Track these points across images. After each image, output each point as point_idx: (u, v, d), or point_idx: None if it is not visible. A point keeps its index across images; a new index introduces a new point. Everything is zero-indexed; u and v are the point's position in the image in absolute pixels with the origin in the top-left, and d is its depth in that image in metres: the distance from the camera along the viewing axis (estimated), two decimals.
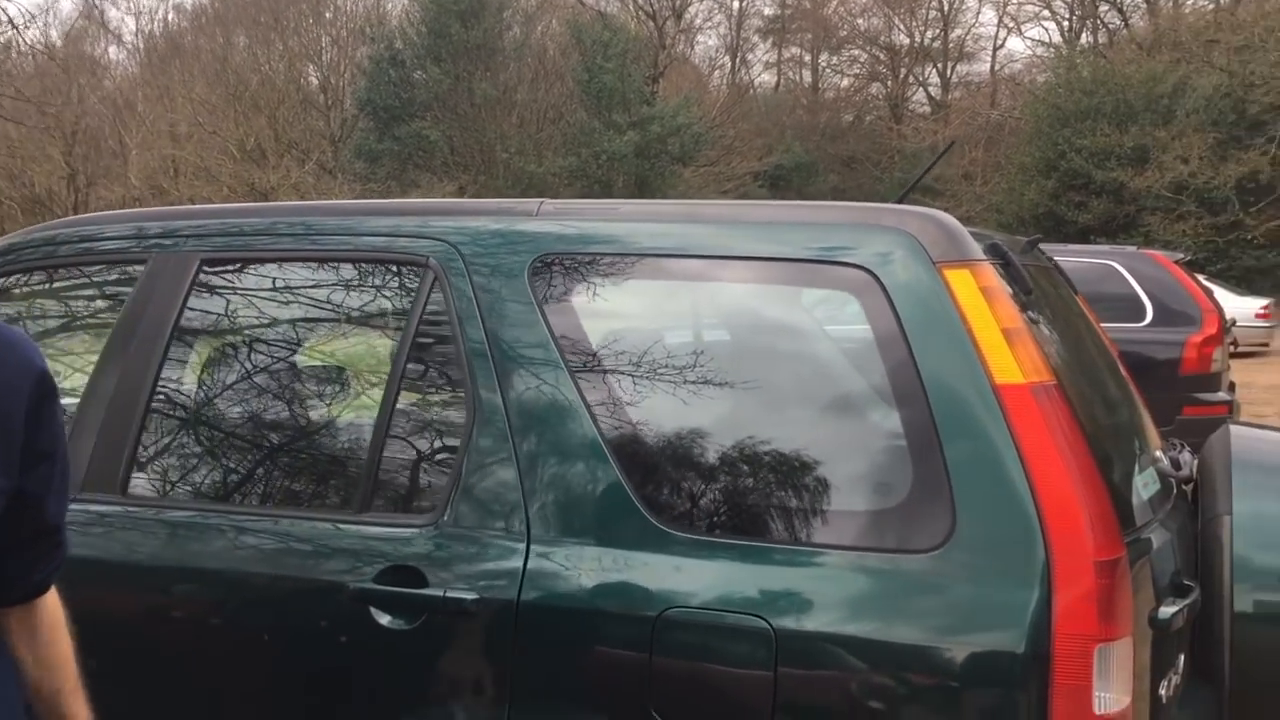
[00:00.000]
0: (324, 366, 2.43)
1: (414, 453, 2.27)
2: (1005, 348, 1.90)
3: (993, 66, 40.31)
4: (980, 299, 1.94)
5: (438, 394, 2.30)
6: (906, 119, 40.01)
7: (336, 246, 2.43)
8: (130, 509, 2.39)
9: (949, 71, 40.83)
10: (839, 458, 1.96)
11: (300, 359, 2.45)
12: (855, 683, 1.85)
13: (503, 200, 2.45)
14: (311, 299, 2.48)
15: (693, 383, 2.07)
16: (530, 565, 2.03)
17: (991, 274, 2.01)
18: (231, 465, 2.45)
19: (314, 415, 2.38)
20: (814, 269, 2.08)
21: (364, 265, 2.42)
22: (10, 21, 13.59)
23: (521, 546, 2.05)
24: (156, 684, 2.33)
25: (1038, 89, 33.88)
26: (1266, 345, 19.71)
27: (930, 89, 42.16)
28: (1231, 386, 8.28)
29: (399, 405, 2.25)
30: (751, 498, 1.99)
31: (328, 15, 35.35)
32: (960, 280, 1.96)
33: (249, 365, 2.49)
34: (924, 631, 1.82)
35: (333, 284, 2.47)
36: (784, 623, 1.86)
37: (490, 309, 2.20)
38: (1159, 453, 2.47)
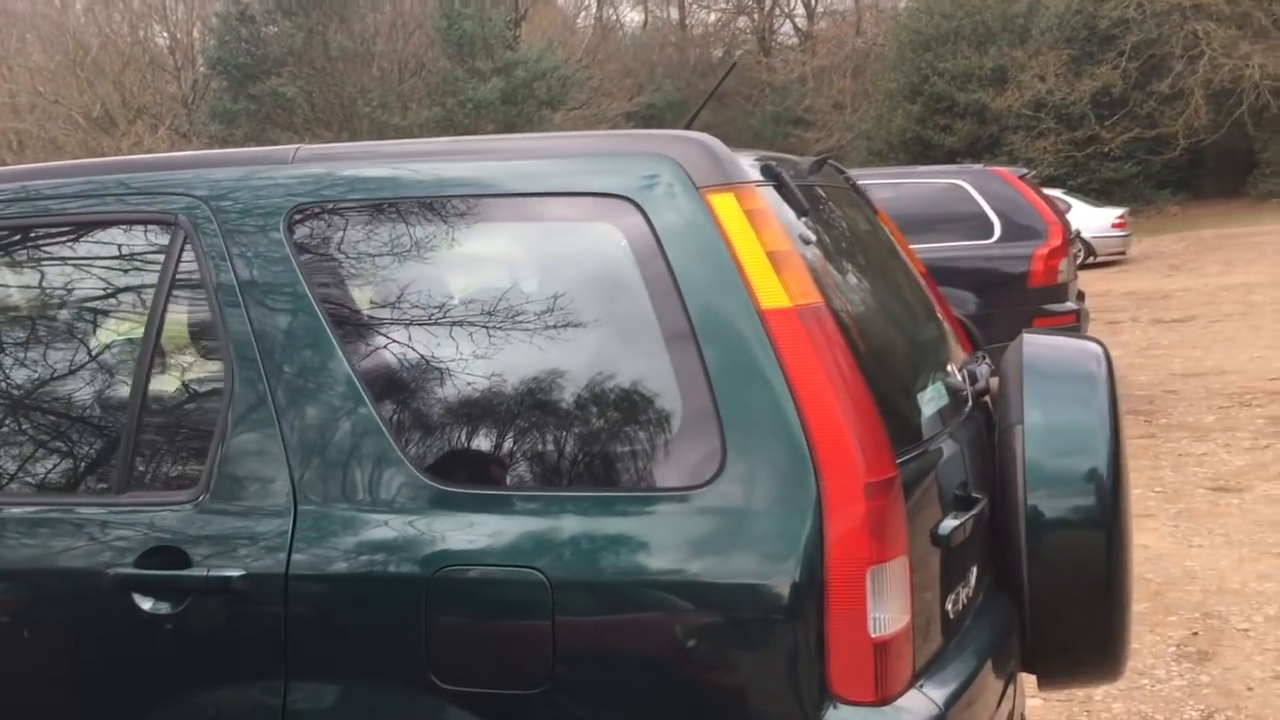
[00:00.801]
0: (77, 339, 2.26)
1: (172, 425, 2.13)
2: (770, 271, 1.84)
3: None
4: (744, 222, 1.88)
5: (194, 361, 2.17)
6: (775, 51, 40.11)
7: (83, 209, 2.25)
8: None
9: (814, 1, 40.97)
10: (607, 398, 1.88)
11: (52, 332, 2.27)
12: (635, 626, 1.79)
13: (256, 149, 2.30)
14: (60, 266, 2.29)
15: (457, 331, 1.97)
16: (298, 534, 1.92)
17: (758, 196, 1.95)
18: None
19: (67, 393, 2.21)
20: (576, 202, 1.99)
21: (111, 226, 2.24)
22: None
23: (288, 515, 1.94)
24: None
25: (900, 15, 34.24)
26: (1123, 253, 20.43)
27: (796, 20, 42.26)
28: (1080, 295, 8.51)
29: (153, 376, 2.11)
30: (521, 447, 1.91)
31: None
32: (724, 204, 1.89)
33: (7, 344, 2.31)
34: (699, 568, 1.76)
35: (82, 248, 2.29)
36: (557, 572, 1.79)
37: (244, 266, 2.06)
38: (952, 366, 2.45)
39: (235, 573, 1.91)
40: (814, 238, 2.10)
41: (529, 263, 2.08)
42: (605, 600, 1.80)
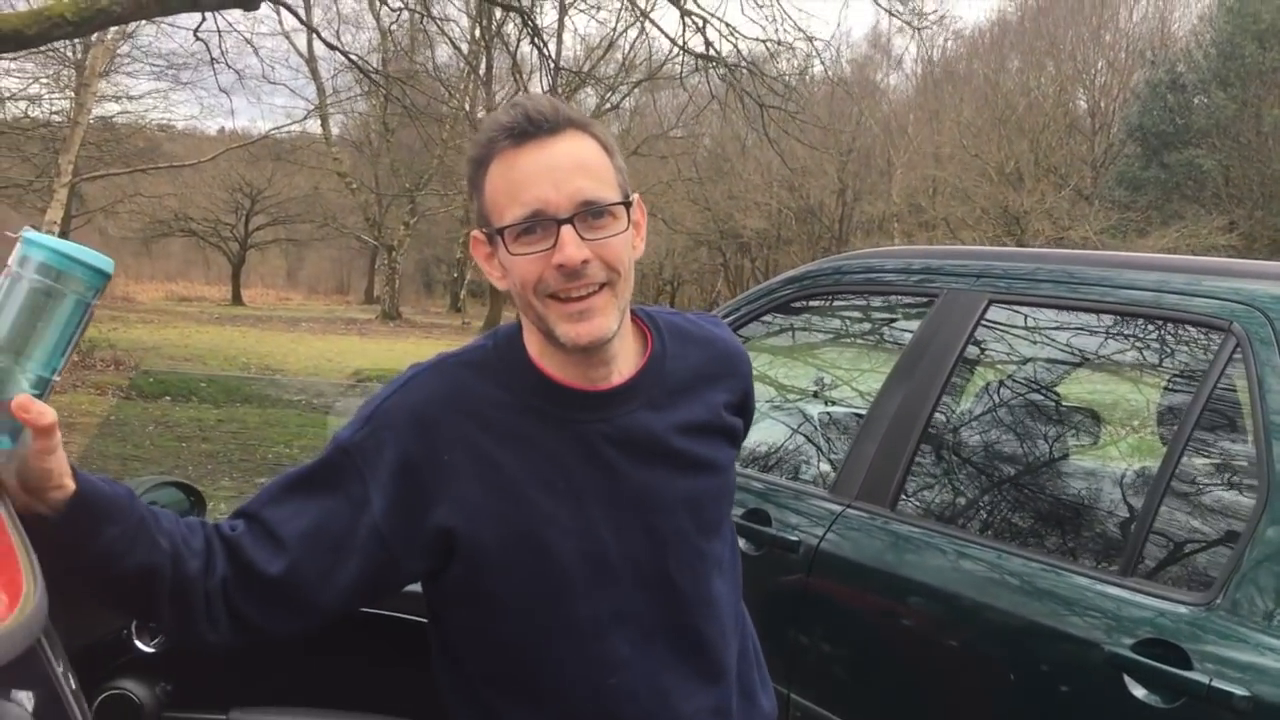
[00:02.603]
0: (1098, 419, 2.41)
1: (1189, 523, 2.17)
2: None
3: None
4: None
5: (1223, 466, 2.17)
6: None
7: (1129, 300, 2.39)
8: (896, 523, 2.58)
9: None
10: None
11: (1077, 407, 2.47)
12: None
13: None
14: (1100, 349, 2.47)
15: None
16: None
17: None
18: (996, 499, 2.54)
19: (1082, 466, 2.38)
20: None
21: (1155, 321, 2.36)
22: (818, 55, 15.25)
23: None
24: (882, 672, 2.51)
25: None
26: None
27: None
28: None
29: (1179, 471, 2.16)
30: None
31: (1107, 38, 34.32)
32: None
33: (1025, 404, 2.56)
34: None
35: (1119, 337, 2.45)
36: None
37: None
38: None
39: (1239, 691, 1.89)
40: None
41: None
42: None
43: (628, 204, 1.35)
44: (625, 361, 1.41)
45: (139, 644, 1.80)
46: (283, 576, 1.30)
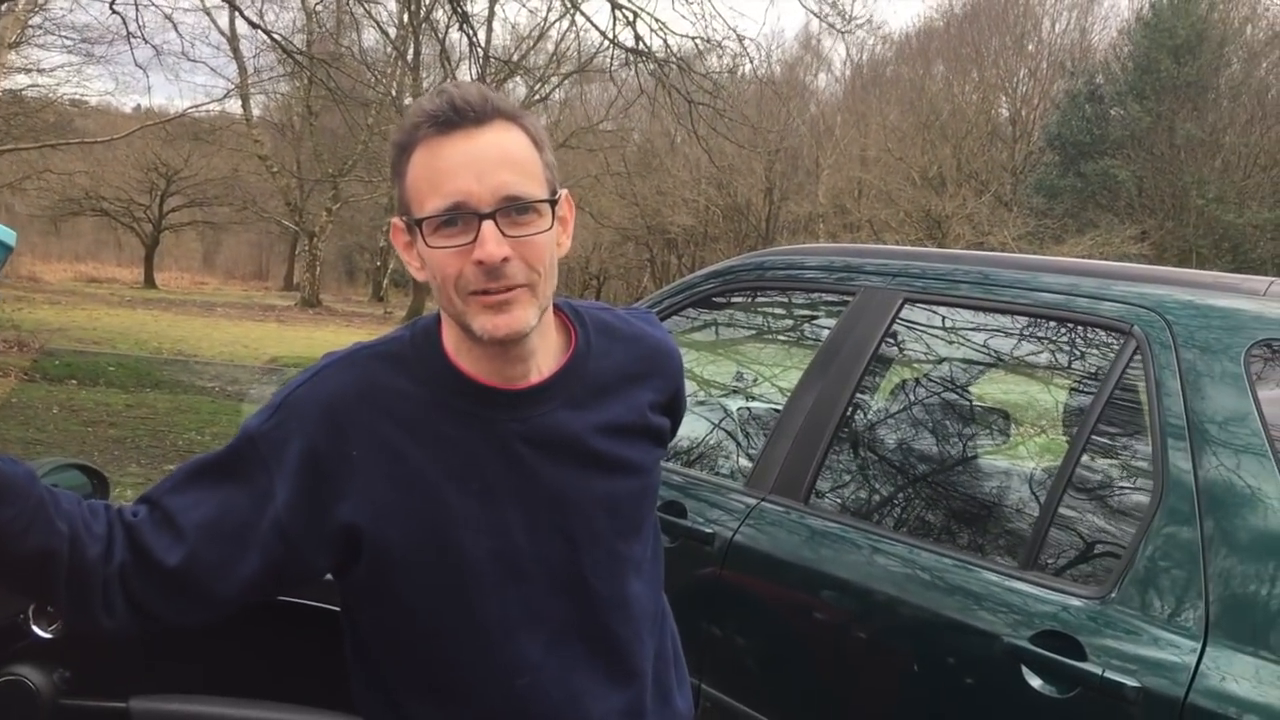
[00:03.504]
0: (1008, 418, 2.47)
1: (1087, 520, 2.23)
2: None
3: None
4: None
5: (1121, 465, 2.24)
6: None
7: (1038, 302, 2.45)
8: (810, 516, 2.62)
9: None
10: None
11: (985, 406, 2.52)
12: None
13: (1221, 274, 2.31)
14: (1009, 350, 2.53)
15: None
16: (1203, 665, 1.90)
17: None
18: (908, 494, 2.59)
19: (988, 463, 2.44)
20: None
21: (1061, 323, 2.42)
22: (747, 55, 15.38)
23: (1194, 643, 1.93)
24: (791, 663, 2.55)
25: None
26: None
27: None
28: None
29: (1078, 469, 2.23)
30: None
31: (1030, 48, 35.10)
32: None
33: (937, 403, 2.61)
34: None
35: (1027, 337, 2.51)
36: None
37: (1195, 387, 2.09)
38: None
39: (1130, 682, 1.95)
40: None
41: None
42: None
43: (554, 201, 1.31)
44: (545, 359, 1.38)
45: (36, 629, 1.76)
46: (180, 566, 1.27)
